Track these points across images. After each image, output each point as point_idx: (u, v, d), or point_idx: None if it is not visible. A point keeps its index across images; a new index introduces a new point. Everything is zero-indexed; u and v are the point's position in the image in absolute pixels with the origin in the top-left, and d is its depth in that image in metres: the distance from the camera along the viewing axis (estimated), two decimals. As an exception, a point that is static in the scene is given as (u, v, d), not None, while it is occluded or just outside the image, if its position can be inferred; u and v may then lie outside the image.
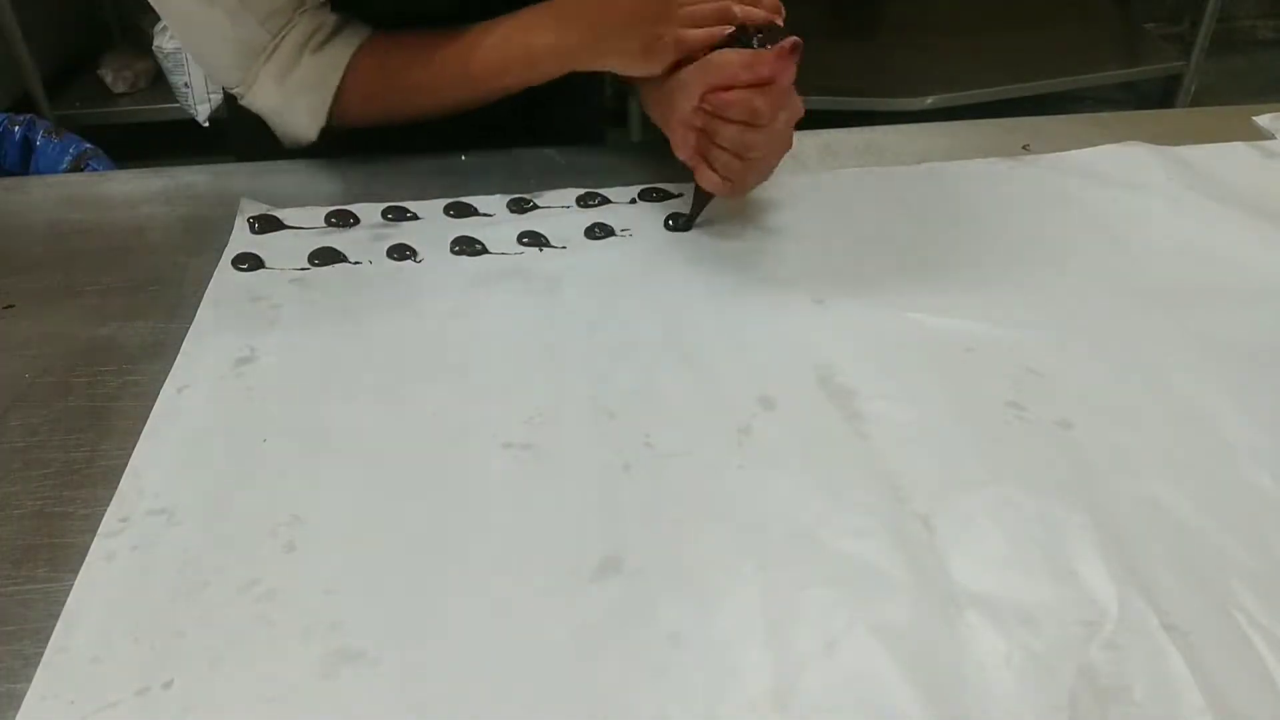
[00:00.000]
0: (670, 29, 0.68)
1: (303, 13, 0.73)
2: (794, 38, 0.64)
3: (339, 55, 0.75)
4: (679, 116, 0.69)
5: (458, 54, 0.75)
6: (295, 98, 0.75)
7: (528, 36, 0.74)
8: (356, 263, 0.70)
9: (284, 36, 0.73)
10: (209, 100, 2.13)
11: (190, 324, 0.64)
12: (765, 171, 0.71)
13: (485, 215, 0.75)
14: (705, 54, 0.67)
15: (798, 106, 0.68)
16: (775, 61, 0.64)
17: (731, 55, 0.66)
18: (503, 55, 0.74)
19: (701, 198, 0.72)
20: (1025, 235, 0.72)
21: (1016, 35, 2.32)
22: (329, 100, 0.75)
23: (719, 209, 0.73)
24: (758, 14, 0.68)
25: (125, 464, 0.54)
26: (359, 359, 0.61)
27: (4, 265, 0.71)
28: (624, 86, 0.79)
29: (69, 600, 0.47)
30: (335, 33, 0.75)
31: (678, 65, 0.69)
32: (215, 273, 0.68)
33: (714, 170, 0.69)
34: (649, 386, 0.59)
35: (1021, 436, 0.56)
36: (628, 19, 0.71)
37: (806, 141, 0.84)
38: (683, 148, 0.70)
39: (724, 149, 0.67)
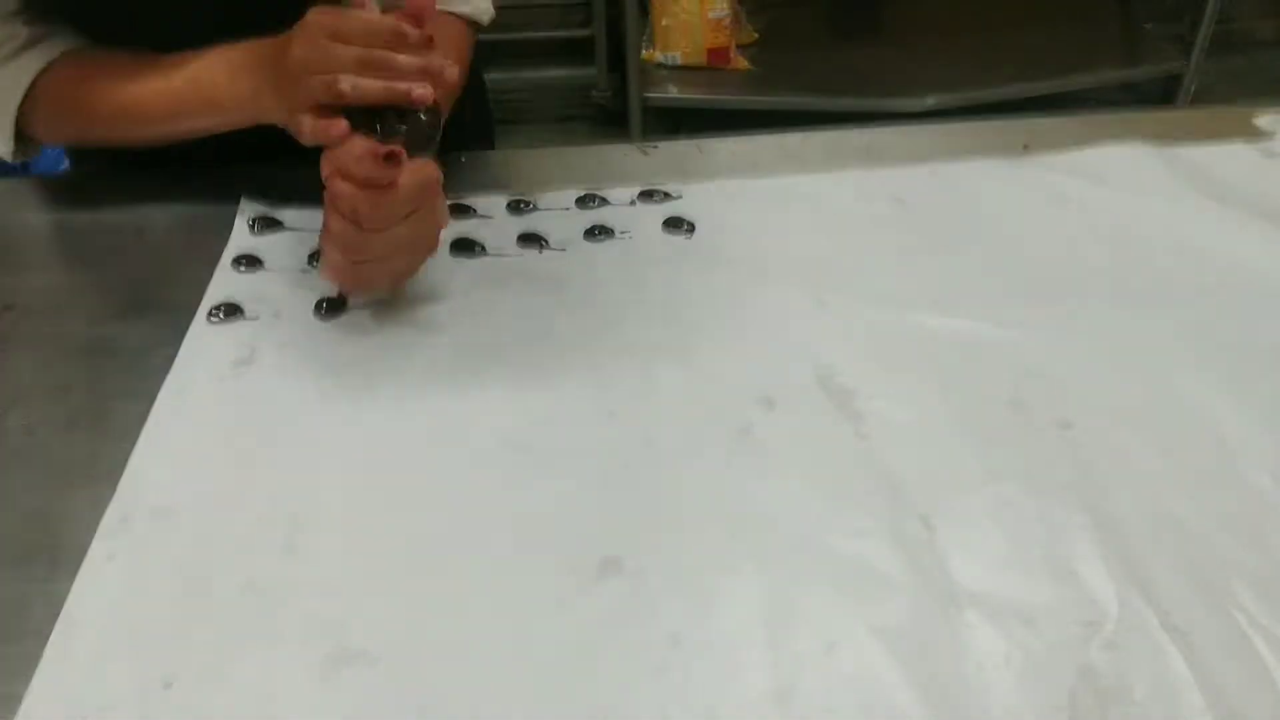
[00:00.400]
0: (301, 103, 0.59)
1: None
2: (397, 147, 0.56)
3: (24, 71, 0.69)
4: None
5: (139, 88, 0.68)
6: None
7: (209, 81, 0.66)
8: (356, 263, 0.70)
9: None
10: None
11: (190, 324, 0.64)
12: (393, 274, 0.63)
13: (484, 216, 0.74)
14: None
15: (439, 214, 0.61)
16: (371, 162, 0.56)
17: (356, 142, 0.57)
18: (182, 95, 0.67)
19: None
20: (1025, 235, 0.72)
21: (1016, 35, 2.32)
22: (10, 118, 0.70)
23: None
24: (373, 88, 0.57)
25: (125, 464, 0.54)
26: (358, 359, 0.61)
27: (4, 265, 0.71)
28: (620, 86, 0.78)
29: (69, 600, 0.47)
30: (27, 47, 0.69)
31: None
32: (215, 273, 0.68)
33: (325, 258, 0.61)
34: (649, 386, 0.59)
35: (1021, 436, 0.56)
36: (273, 82, 0.62)
37: (807, 142, 0.84)
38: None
39: (332, 241, 0.60)
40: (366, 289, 0.64)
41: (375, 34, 0.58)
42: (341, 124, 0.57)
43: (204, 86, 0.66)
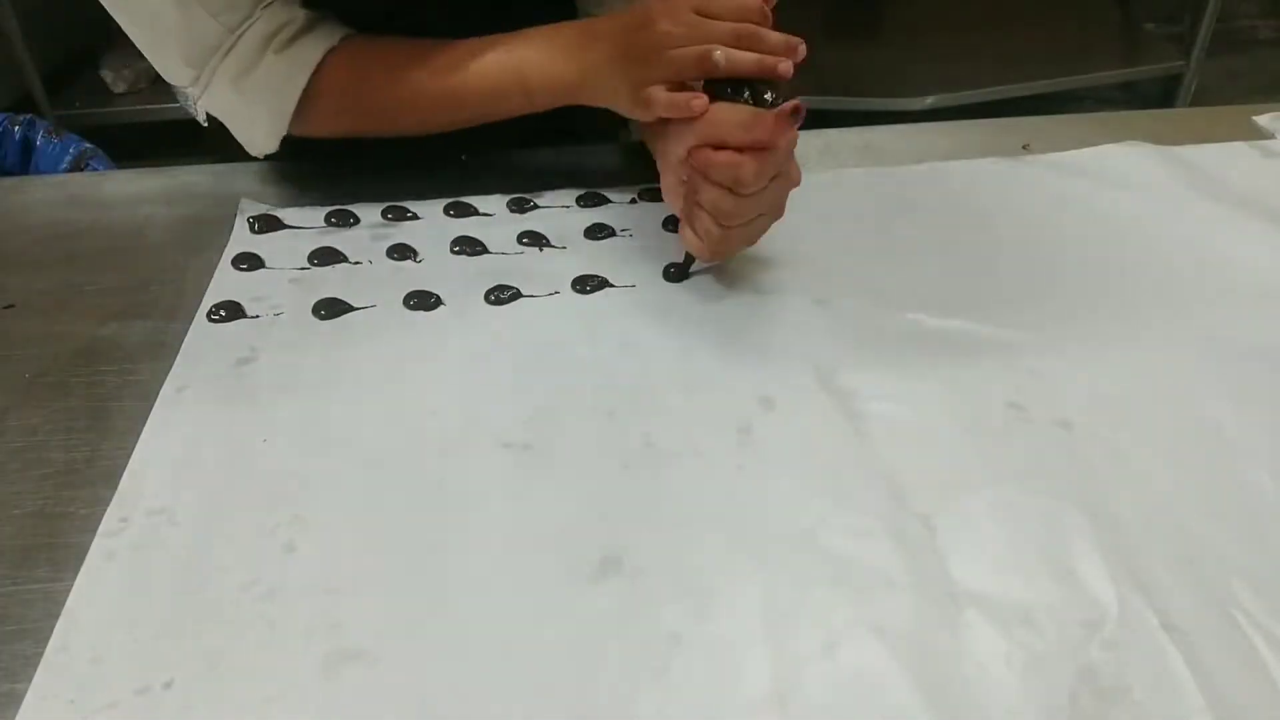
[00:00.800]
0: (656, 76, 0.62)
1: (266, 6, 0.66)
2: (796, 100, 0.57)
3: (307, 56, 0.68)
4: (669, 163, 0.64)
5: (448, 71, 0.68)
6: (254, 102, 0.68)
7: (522, 64, 0.67)
8: (356, 263, 0.70)
9: (244, 32, 0.66)
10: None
11: (190, 324, 0.64)
12: (750, 238, 0.64)
13: (485, 215, 0.75)
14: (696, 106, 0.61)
15: (794, 174, 0.62)
16: (773, 124, 0.57)
17: (727, 111, 0.60)
18: (497, 79, 0.68)
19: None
20: (1025, 235, 0.72)
21: (1016, 35, 2.32)
22: (291, 106, 0.68)
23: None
24: (745, 60, 0.60)
25: (125, 464, 0.54)
26: (359, 359, 0.61)
27: (4, 265, 0.71)
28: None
29: (69, 600, 0.47)
30: (305, 30, 0.68)
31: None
32: (215, 273, 0.68)
33: (693, 230, 0.63)
34: (649, 386, 0.59)
35: (1021, 436, 0.56)
36: (616, 59, 0.64)
37: (807, 141, 0.84)
38: (672, 197, 0.65)
39: (704, 210, 0.61)
40: (723, 256, 0.66)
41: (747, 10, 0.61)
42: (704, 98, 0.60)
43: (521, 67, 0.67)
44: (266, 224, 0.73)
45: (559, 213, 0.75)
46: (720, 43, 0.60)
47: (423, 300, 0.66)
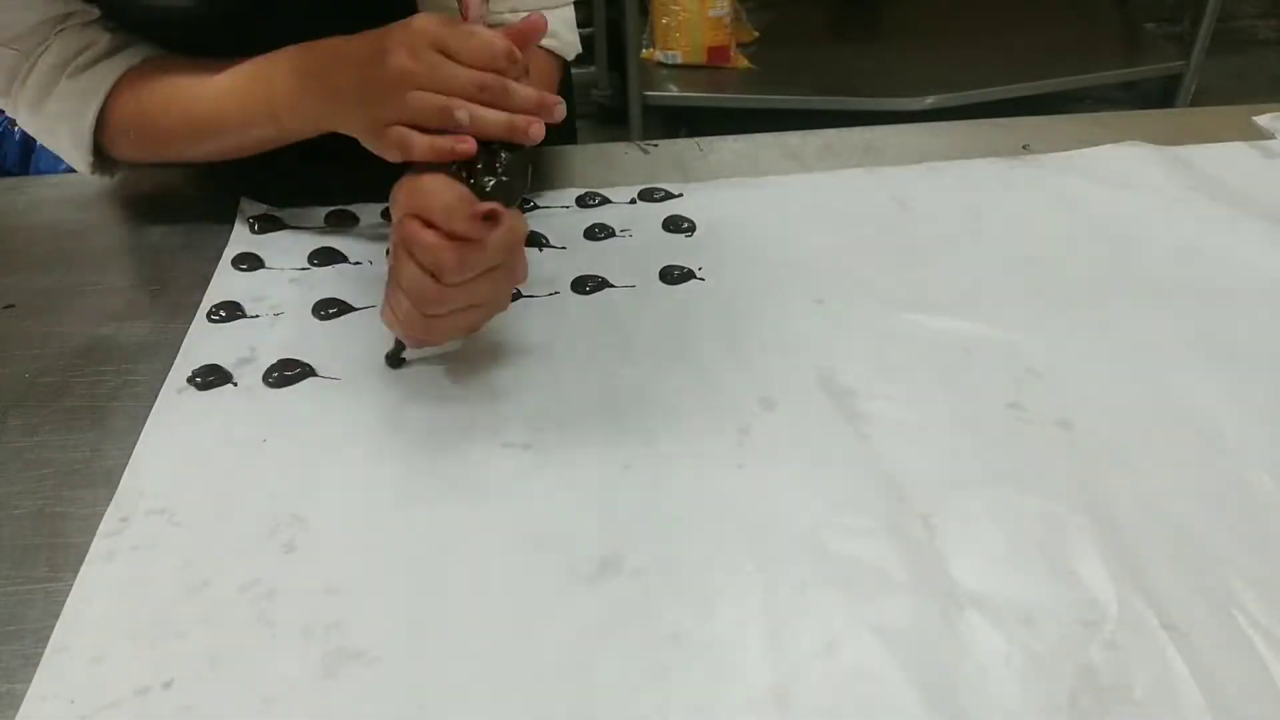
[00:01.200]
0: (395, 117, 0.54)
1: (60, 32, 0.65)
2: (492, 205, 0.50)
3: (99, 82, 0.65)
4: (395, 222, 0.54)
5: (210, 98, 0.64)
6: (53, 128, 0.67)
7: (270, 90, 0.62)
8: (356, 263, 0.70)
9: (38, 58, 0.65)
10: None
11: (190, 324, 0.64)
12: (460, 328, 0.56)
13: (485, 215, 0.74)
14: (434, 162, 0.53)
15: (519, 270, 0.55)
16: (469, 221, 0.49)
17: (440, 185, 0.51)
18: (248, 106, 0.63)
19: None
20: (1025, 235, 0.72)
21: (1016, 35, 2.32)
22: (86, 132, 0.66)
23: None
24: (494, 121, 0.52)
25: (125, 464, 0.54)
26: (358, 359, 0.61)
27: (4, 265, 0.71)
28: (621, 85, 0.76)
29: (69, 600, 0.47)
30: (106, 55, 0.66)
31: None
32: (215, 273, 0.68)
33: (392, 308, 0.55)
34: (649, 386, 0.59)
35: (1021, 436, 0.56)
36: (353, 91, 0.57)
37: (807, 141, 0.84)
38: (392, 256, 0.55)
39: (403, 291, 0.53)
40: (430, 342, 0.58)
41: (491, 56, 0.53)
42: (471, 141, 0.52)
43: (270, 94, 0.62)
44: (266, 224, 0.73)
45: (558, 213, 0.75)
46: (461, 93, 0.52)
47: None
